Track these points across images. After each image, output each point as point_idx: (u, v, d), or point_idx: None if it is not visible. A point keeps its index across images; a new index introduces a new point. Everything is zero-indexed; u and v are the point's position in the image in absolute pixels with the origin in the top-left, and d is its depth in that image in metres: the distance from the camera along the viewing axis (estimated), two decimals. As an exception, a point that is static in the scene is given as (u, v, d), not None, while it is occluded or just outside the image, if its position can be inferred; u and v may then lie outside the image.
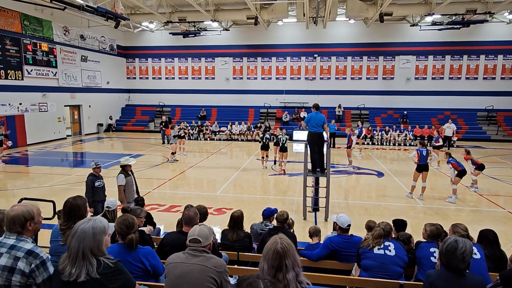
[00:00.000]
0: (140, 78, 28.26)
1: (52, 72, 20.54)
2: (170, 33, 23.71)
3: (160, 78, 27.89)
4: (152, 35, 26.89)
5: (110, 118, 26.04)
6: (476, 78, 24.02)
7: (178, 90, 27.43)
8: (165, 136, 20.15)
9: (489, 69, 23.82)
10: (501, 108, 23.54)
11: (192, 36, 22.83)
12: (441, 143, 14.05)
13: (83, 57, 23.17)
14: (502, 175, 12.74)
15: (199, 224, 2.85)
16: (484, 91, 23.82)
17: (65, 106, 22.01)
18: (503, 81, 23.72)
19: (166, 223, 7.38)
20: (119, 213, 4.79)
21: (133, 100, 28.50)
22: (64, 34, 21.47)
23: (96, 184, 6.82)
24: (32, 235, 2.48)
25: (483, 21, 19.65)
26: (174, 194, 10.21)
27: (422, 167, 9.76)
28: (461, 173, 9.51)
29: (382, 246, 3.73)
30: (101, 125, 25.50)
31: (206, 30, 23.05)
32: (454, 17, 19.52)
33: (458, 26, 20.05)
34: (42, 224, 2.64)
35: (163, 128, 20.41)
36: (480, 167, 10.29)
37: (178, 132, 15.56)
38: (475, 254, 3.35)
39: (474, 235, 4.27)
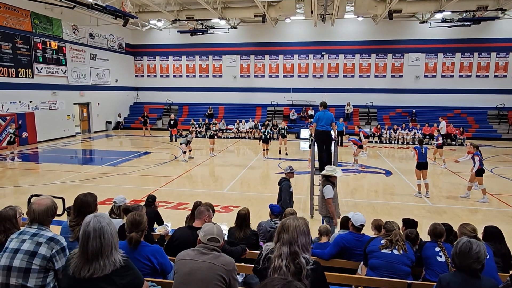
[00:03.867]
0: (148, 76, 28.43)
1: (61, 70, 20.78)
2: (178, 31, 23.78)
3: (168, 76, 28.02)
4: (160, 33, 27.03)
5: (119, 115, 26.26)
6: (487, 76, 23.64)
7: (185, 88, 27.54)
8: (172, 135, 20.33)
9: (500, 66, 23.42)
10: (512, 107, 23.15)
11: (199, 34, 22.89)
12: (441, 141, 13.84)
13: (92, 55, 23.38)
14: (513, 175, 12.54)
15: (212, 222, 2.87)
16: (495, 89, 23.43)
17: (74, 104, 22.26)
18: (514, 79, 23.30)
19: (173, 220, 7.43)
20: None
21: (141, 98, 28.69)
22: (74, 32, 21.68)
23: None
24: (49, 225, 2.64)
25: (494, 18, 19.31)
26: (182, 191, 10.27)
27: (422, 165, 9.74)
28: (479, 171, 9.28)
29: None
30: (109, 122, 25.74)
31: (213, 28, 23.08)
32: (464, 14, 19.21)
33: (469, 23, 19.72)
34: (52, 220, 2.69)
35: (169, 128, 20.63)
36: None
37: (185, 136, 15.36)
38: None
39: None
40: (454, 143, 20.14)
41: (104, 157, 15.79)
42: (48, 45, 19.65)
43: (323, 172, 6.16)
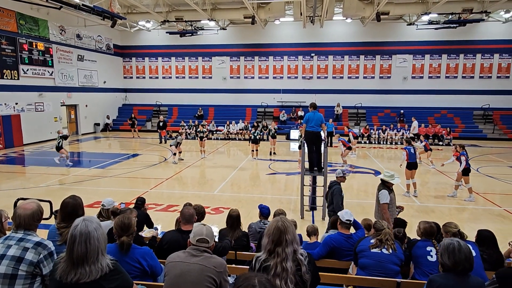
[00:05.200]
0: (137, 77, 28.18)
1: (48, 71, 20.45)
2: (167, 32, 23.66)
3: (157, 78, 27.82)
4: (149, 34, 26.84)
5: (107, 117, 25.95)
6: (473, 77, 24.12)
7: (175, 89, 27.39)
8: (162, 137, 20.21)
9: (485, 68, 23.93)
10: (497, 107, 23.65)
11: (189, 35, 22.80)
12: (423, 144, 13.99)
13: (80, 57, 23.07)
14: (498, 174, 12.82)
15: (202, 224, 2.85)
16: (480, 89, 23.92)
17: (61, 105, 21.92)
18: (499, 80, 23.83)
19: (163, 223, 7.37)
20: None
21: (130, 99, 28.42)
22: (60, 33, 21.36)
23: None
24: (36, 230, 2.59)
25: (479, 20, 19.74)
26: (172, 193, 10.20)
27: (412, 165, 9.87)
28: (465, 171, 9.45)
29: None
30: (98, 124, 25.42)
31: (203, 29, 23.03)
32: (450, 16, 19.58)
33: (455, 25, 20.11)
34: (39, 224, 2.64)
35: (158, 130, 20.49)
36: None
37: (175, 137, 15.19)
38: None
39: (471, 233, 4.30)
40: (441, 143, 20.49)
41: (92, 160, 15.58)
42: (34, 46, 19.32)
43: (380, 176, 5.95)
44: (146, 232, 5.12)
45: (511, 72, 23.68)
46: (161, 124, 20.34)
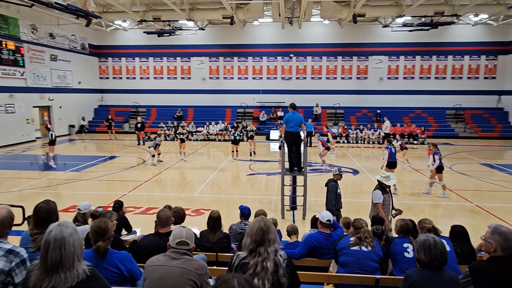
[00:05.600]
0: (114, 78, 27.54)
1: (19, 71, 19.65)
2: (144, 32, 23.25)
3: (134, 78, 27.29)
4: (126, 34, 26.29)
5: (83, 119, 25.22)
6: (445, 78, 25.01)
7: (153, 90, 26.95)
8: (140, 139, 19.85)
9: (456, 69, 24.85)
10: (468, 107, 24.61)
11: (167, 35, 22.51)
12: (398, 143, 14.39)
13: (53, 56, 22.31)
14: (470, 171, 13.33)
15: (182, 226, 2.81)
16: (452, 90, 24.83)
17: (33, 107, 21.13)
18: (469, 81, 24.82)
19: (143, 226, 7.24)
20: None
21: (106, 100, 27.73)
22: (32, 32, 20.58)
23: None
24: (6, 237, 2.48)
25: (450, 23, 20.47)
26: (151, 196, 10.03)
27: (393, 164, 10.13)
28: (439, 168, 9.81)
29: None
30: (72, 126, 24.67)
31: (181, 29, 22.77)
32: (423, 19, 20.23)
33: (427, 28, 20.80)
34: (10, 231, 2.54)
35: (136, 132, 20.10)
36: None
37: (154, 139, 14.96)
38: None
39: (445, 229, 4.45)
40: (416, 142, 21.11)
41: (67, 163, 15.08)
42: (3, 45, 18.52)
43: (376, 177, 6.08)
44: (129, 237, 5.01)
45: (480, 73, 24.72)
46: (139, 125, 19.96)
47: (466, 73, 24.81)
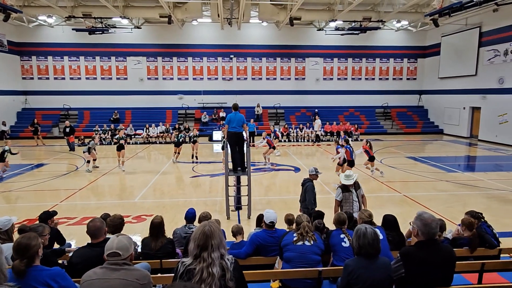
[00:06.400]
0: (39, 78, 25.16)
1: None
2: (73, 29, 21.63)
3: (63, 79, 25.21)
4: (52, 31, 24.16)
5: (3, 124, 22.67)
6: (373, 79, 27.06)
7: (85, 91, 25.15)
8: (70, 143, 18.39)
9: (383, 70, 27.03)
10: (394, 105, 26.92)
11: (99, 33, 21.19)
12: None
13: (-37, 54, 19.74)
14: (397, 164, 14.58)
15: (116, 235, 2.66)
16: (380, 90, 26.98)
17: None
18: (394, 81, 27.19)
19: (78, 238, 6.74)
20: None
21: (31, 103, 25.22)
22: None
23: None
24: None
25: (376, 28, 22.20)
26: (86, 204, 9.37)
27: (352, 162, 11.01)
28: (350, 162, 11.05)
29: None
30: (-10, 132, 22.05)
31: (115, 27, 21.62)
32: (353, 24, 21.66)
33: (357, 32, 22.35)
34: None
35: (65, 137, 18.60)
36: (371, 158, 12.01)
37: (87, 143, 13.96)
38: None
39: (378, 218, 4.81)
40: (350, 139, 22.47)
41: None
42: None
43: (340, 179, 6.29)
44: (72, 249, 4.63)
45: (403, 74, 27.21)
46: (67, 129, 18.46)
47: (392, 75, 27.13)
